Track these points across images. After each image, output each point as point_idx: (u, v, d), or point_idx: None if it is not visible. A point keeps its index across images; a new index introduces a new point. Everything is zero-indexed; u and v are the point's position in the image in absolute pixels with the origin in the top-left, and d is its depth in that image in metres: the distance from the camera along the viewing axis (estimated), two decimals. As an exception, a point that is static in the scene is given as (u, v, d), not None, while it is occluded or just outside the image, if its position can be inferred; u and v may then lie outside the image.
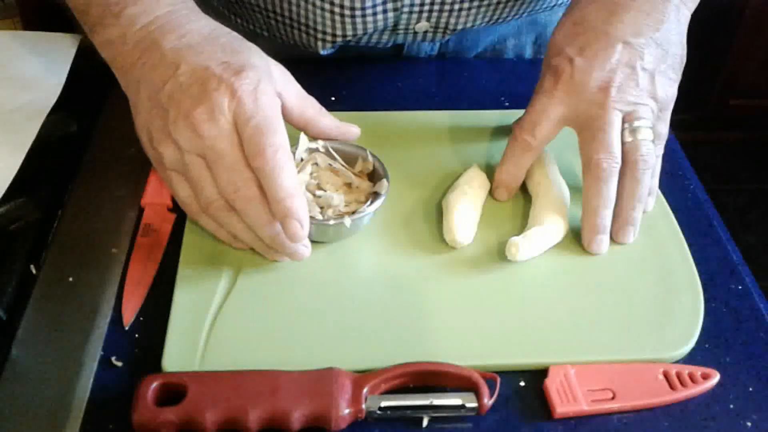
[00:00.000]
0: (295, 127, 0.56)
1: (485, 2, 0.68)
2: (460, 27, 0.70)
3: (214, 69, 0.51)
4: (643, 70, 0.56)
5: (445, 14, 0.68)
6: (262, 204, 0.50)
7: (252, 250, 0.55)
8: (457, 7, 0.67)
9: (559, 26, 0.59)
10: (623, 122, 0.56)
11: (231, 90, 0.49)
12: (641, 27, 0.56)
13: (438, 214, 0.59)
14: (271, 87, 0.52)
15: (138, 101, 0.53)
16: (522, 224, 0.59)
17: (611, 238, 0.57)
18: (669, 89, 0.57)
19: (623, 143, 0.55)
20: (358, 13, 0.65)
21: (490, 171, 0.61)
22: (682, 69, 0.58)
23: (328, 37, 0.69)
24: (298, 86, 0.56)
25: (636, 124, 0.55)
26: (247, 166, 0.49)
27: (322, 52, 0.71)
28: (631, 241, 0.57)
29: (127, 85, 0.55)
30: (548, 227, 0.56)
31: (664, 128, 0.58)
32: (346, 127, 0.59)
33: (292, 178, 0.49)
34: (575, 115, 0.56)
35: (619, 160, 0.55)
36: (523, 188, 0.62)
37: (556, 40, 0.58)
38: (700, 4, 0.61)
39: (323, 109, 0.57)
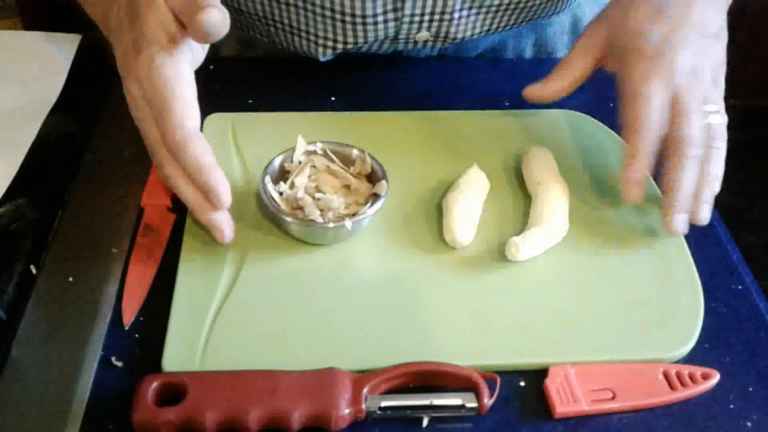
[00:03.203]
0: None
1: (484, 11, 0.69)
2: (460, 36, 0.70)
3: (128, 50, 0.53)
4: (715, 58, 0.59)
5: (446, 24, 0.68)
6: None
7: (252, 250, 0.55)
8: (457, 16, 0.67)
9: (628, 12, 0.60)
10: None
11: (135, 78, 0.52)
12: (709, 20, 0.59)
13: (438, 214, 0.59)
14: (167, 56, 0.52)
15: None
16: (522, 224, 0.59)
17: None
18: (723, 79, 0.60)
19: None
20: (359, 20, 0.65)
21: (490, 171, 0.61)
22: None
23: (329, 44, 0.69)
24: None
25: (707, 107, 0.57)
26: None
27: (321, 59, 0.71)
28: (707, 221, 0.57)
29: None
30: (548, 227, 0.56)
31: (725, 114, 0.59)
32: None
33: (197, 153, 0.51)
34: (668, 98, 0.57)
35: (703, 142, 0.56)
36: (523, 188, 0.62)
37: (630, 26, 0.59)
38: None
39: None
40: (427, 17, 0.67)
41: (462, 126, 0.68)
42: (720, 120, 0.57)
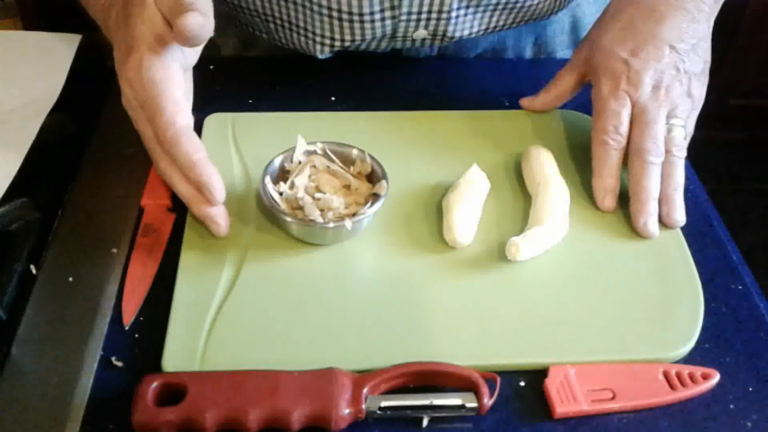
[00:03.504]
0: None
1: (482, 10, 0.69)
2: (458, 35, 0.70)
3: (121, 52, 0.54)
4: (685, 73, 0.61)
5: (443, 23, 0.68)
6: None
7: (251, 250, 0.55)
8: (454, 15, 0.68)
9: (603, 31, 0.63)
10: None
11: (126, 79, 0.53)
12: (683, 34, 0.61)
13: (438, 214, 0.59)
14: (156, 57, 0.53)
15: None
16: (522, 224, 0.59)
17: (663, 225, 0.59)
18: (701, 91, 0.63)
19: None
20: (356, 18, 0.66)
21: (490, 171, 0.61)
22: (708, 73, 0.64)
23: (326, 41, 0.69)
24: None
25: (672, 121, 0.60)
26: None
27: (320, 56, 0.71)
28: (681, 222, 0.59)
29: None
30: (548, 227, 0.56)
31: (692, 126, 0.62)
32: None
33: (188, 150, 0.52)
34: (634, 112, 0.60)
35: (663, 150, 0.59)
36: (523, 188, 0.62)
37: (603, 44, 0.62)
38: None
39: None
40: (424, 15, 0.67)
41: (462, 126, 0.68)
42: (681, 133, 0.60)
